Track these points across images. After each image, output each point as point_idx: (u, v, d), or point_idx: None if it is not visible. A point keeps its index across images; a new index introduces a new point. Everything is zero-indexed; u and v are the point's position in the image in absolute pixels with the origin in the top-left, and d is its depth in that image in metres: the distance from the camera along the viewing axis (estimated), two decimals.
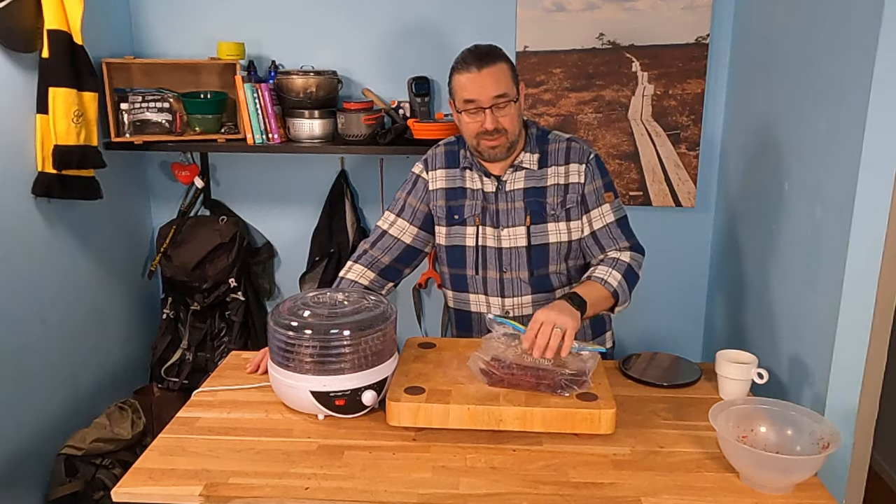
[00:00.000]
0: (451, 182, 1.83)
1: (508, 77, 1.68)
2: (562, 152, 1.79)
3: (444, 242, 1.85)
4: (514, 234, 1.78)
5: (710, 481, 1.31)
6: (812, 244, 1.85)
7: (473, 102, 1.67)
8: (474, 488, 1.28)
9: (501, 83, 1.66)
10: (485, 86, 1.65)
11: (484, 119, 1.67)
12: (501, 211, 1.79)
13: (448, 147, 1.87)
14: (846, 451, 1.74)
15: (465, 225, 1.81)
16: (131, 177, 2.77)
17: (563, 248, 1.79)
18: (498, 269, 1.81)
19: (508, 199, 1.78)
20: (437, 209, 1.84)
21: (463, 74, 1.67)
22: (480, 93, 1.65)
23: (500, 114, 1.67)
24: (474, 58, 1.67)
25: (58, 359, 2.35)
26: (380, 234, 1.86)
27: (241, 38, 2.61)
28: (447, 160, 1.85)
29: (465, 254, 1.82)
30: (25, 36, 2.11)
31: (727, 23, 2.57)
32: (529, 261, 1.78)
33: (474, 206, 1.80)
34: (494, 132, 1.68)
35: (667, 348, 1.89)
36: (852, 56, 1.66)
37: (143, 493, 1.28)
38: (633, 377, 1.70)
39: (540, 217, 1.77)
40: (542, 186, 1.78)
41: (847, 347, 1.69)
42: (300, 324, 1.46)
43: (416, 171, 1.88)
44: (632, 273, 1.74)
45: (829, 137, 1.78)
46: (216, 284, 2.72)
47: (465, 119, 1.71)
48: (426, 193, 1.85)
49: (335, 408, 1.47)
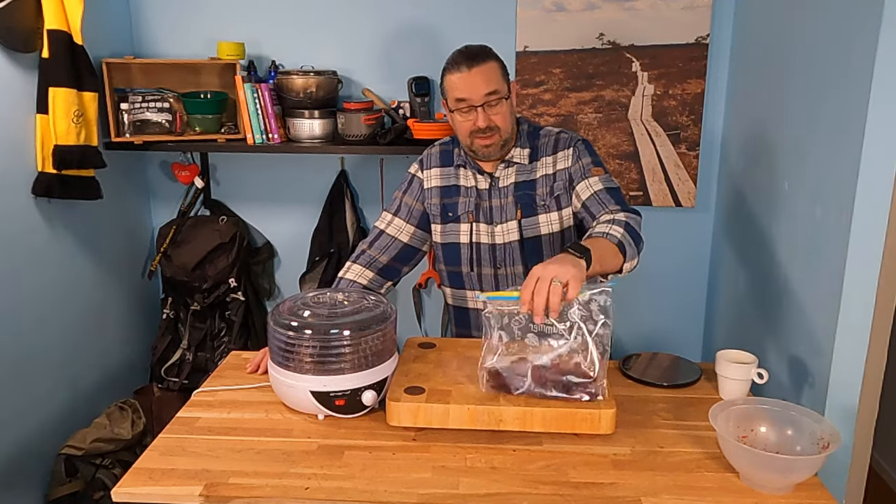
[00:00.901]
0: (445, 180, 1.84)
1: (499, 75, 1.69)
2: (550, 144, 1.79)
3: (440, 240, 1.86)
4: (507, 230, 1.79)
5: (710, 481, 1.31)
6: (812, 244, 1.85)
7: (465, 101, 1.68)
8: (474, 488, 1.28)
9: (492, 81, 1.67)
10: (475, 84, 1.66)
11: (476, 117, 1.68)
12: (494, 207, 1.80)
13: (443, 147, 1.89)
14: (846, 451, 1.74)
15: (459, 222, 1.82)
16: (131, 177, 2.78)
17: (555, 238, 1.79)
18: (492, 265, 1.82)
19: (501, 195, 1.79)
20: (431, 207, 1.85)
21: (454, 74, 1.68)
22: (471, 91, 1.66)
23: (491, 111, 1.68)
24: (464, 57, 1.68)
25: (58, 359, 2.35)
26: (377, 234, 1.87)
27: (241, 38, 2.61)
28: (441, 159, 1.87)
29: (460, 251, 1.84)
30: (25, 36, 2.11)
31: (727, 23, 2.58)
32: (523, 255, 1.79)
33: (468, 202, 1.81)
34: (487, 130, 1.69)
35: (667, 348, 1.89)
36: (852, 56, 1.66)
37: (143, 493, 1.28)
38: (633, 377, 1.70)
39: (530, 210, 1.78)
40: (532, 179, 1.78)
41: (847, 347, 1.70)
42: (300, 324, 1.46)
43: (412, 171, 1.90)
44: (632, 230, 1.55)
45: (829, 137, 1.77)
46: (216, 284, 2.72)
47: (457, 118, 1.72)
48: (421, 192, 1.87)
49: (335, 408, 1.47)
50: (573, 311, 1.40)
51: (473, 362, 1.58)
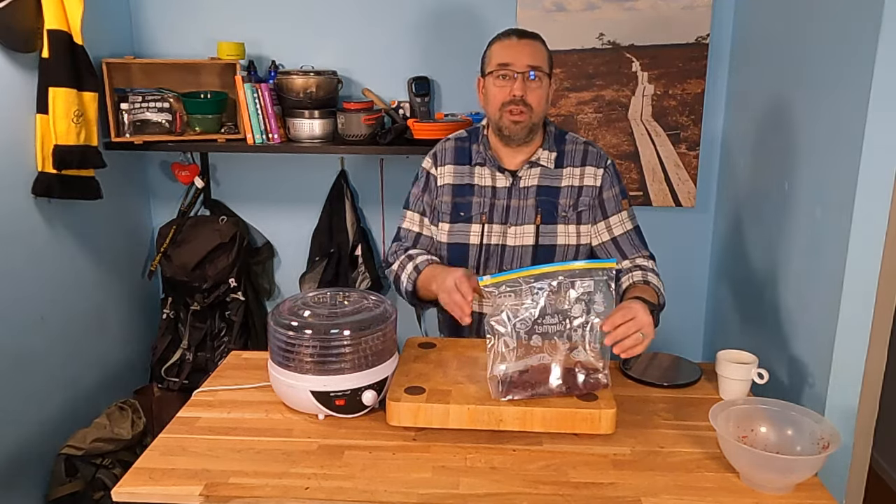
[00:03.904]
0: (458, 178, 1.81)
1: (545, 56, 1.72)
2: (578, 154, 1.79)
3: (446, 240, 1.83)
4: (522, 233, 1.77)
5: (710, 481, 1.31)
6: (812, 244, 1.85)
7: (508, 66, 1.68)
8: (474, 488, 1.28)
9: (538, 56, 1.70)
10: (522, 52, 1.68)
11: (513, 85, 1.67)
12: (512, 207, 1.77)
13: (459, 143, 1.85)
14: (846, 451, 1.74)
15: (471, 222, 1.79)
16: (131, 177, 2.78)
17: (569, 251, 1.78)
18: (498, 267, 1.79)
19: (521, 196, 1.77)
20: (441, 205, 1.82)
21: (502, 41, 1.72)
22: (516, 58, 1.68)
23: (530, 86, 1.68)
24: (516, 32, 1.72)
25: (58, 359, 2.35)
26: (415, 237, 1.85)
27: (241, 38, 2.61)
28: (457, 156, 1.83)
29: (468, 252, 1.81)
30: (25, 36, 2.11)
31: (727, 23, 2.58)
32: (534, 261, 1.77)
33: (482, 203, 1.79)
34: (521, 102, 1.68)
35: (667, 348, 1.89)
36: (852, 56, 1.66)
37: (143, 492, 1.28)
38: (633, 377, 1.70)
39: (551, 217, 1.77)
40: (557, 186, 1.77)
41: (847, 347, 1.70)
42: (300, 324, 1.46)
43: (426, 167, 1.86)
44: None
45: (830, 137, 1.78)
46: (216, 284, 2.72)
47: (492, 88, 1.71)
48: (435, 189, 1.84)
49: (335, 408, 1.47)
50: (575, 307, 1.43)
51: (474, 362, 1.58)
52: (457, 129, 2.43)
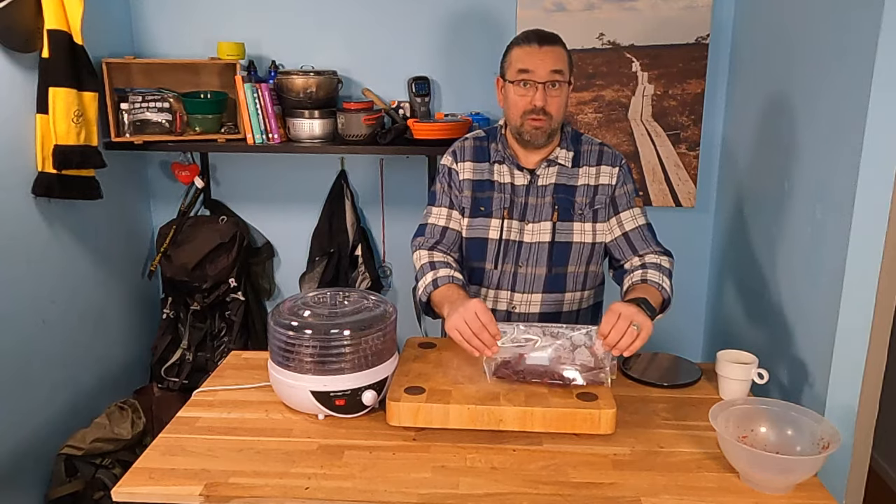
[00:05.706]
0: (478, 174, 1.82)
1: (566, 61, 1.71)
2: (594, 154, 1.81)
3: (465, 234, 1.84)
4: (538, 230, 1.78)
5: (710, 481, 1.31)
6: (812, 244, 1.85)
7: (529, 73, 1.67)
8: (474, 488, 1.28)
9: (559, 62, 1.69)
10: (544, 60, 1.67)
11: (535, 95, 1.67)
12: (529, 205, 1.79)
13: (477, 142, 1.85)
14: (846, 451, 1.74)
15: (491, 217, 1.80)
16: (131, 177, 2.78)
17: (585, 249, 1.79)
18: (514, 262, 1.80)
19: (539, 194, 1.78)
20: (462, 200, 1.83)
21: (523, 47, 1.70)
22: (538, 66, 1.67)
23: (550, 94, 1.68)
24: (537, 36, 1.70)
25: (58, 359, 2.35)
26: (442, 231, 1.83)
27: (241, 38, 2.61)
28: (475, 154, 1.84)
29: (487, 246, 1.81)
30: (25, 36, 2.11)
31: (727, 23, 2.58)
32: (550, 258, 1.78)
33: (503, 199, 1.79)
34: (541, 112, 1.68)
35: (667, 348, 1.89)
36: (852, 56, 1.66)
37: (143, 492, 1.28)
38: (633, 377, 1.70)
39: (567, 214, 1.78)
40: (573, 185, 1.79)
41: (847, 347, 1.70)
42: (300, 324, 1.46)
43: (447, 164, 1.86)
44: (672, 278, 1.76)
45: (830, 137, 1.78)
46: (216, 284, 2.72)
47: (513, 96, 1.71)
48: (459, 184, 1.84)
49: (335, 408, 1.47)
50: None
51: (474, 362, 1.59)
52: (457, 129, 2.45)
